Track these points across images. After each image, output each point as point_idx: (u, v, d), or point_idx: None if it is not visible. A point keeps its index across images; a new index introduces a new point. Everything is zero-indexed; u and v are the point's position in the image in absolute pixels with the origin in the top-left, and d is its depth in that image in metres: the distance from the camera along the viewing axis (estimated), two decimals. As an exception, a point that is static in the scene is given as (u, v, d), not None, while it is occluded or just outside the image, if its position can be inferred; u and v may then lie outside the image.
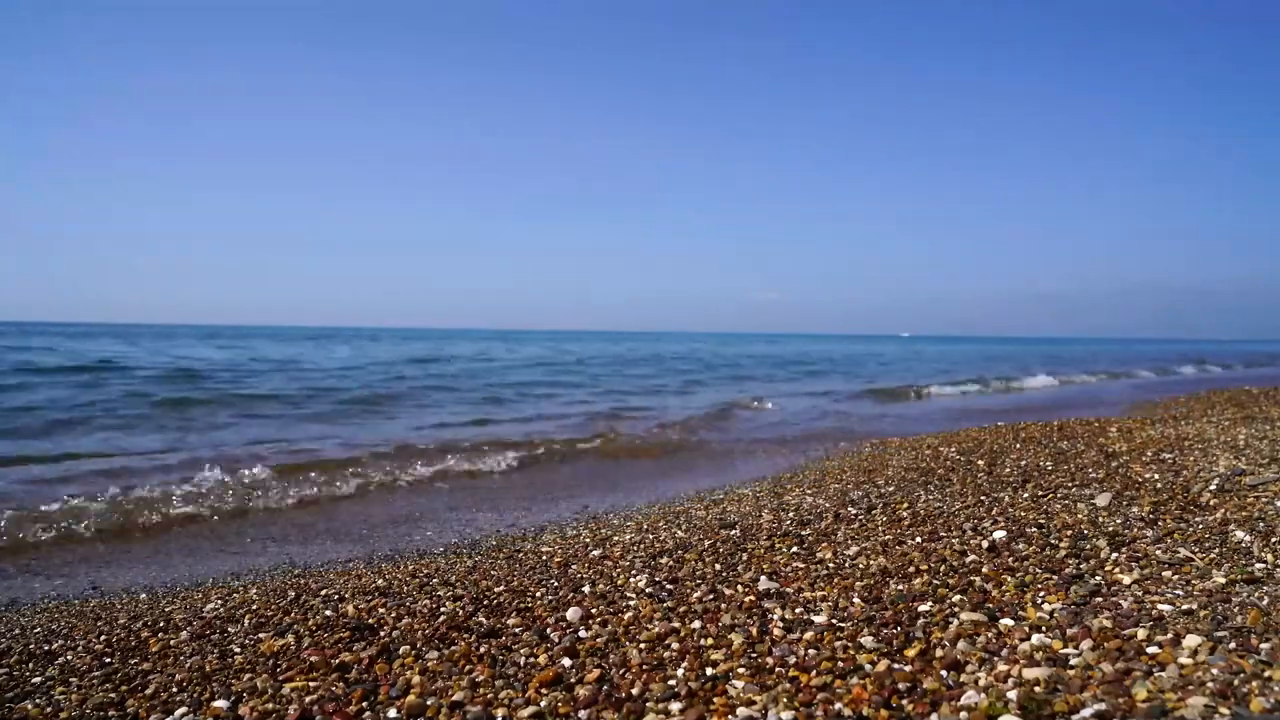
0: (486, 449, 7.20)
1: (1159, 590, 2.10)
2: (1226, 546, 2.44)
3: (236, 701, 1.91)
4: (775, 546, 3.04)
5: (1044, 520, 3.02)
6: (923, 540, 2.91)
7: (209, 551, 4.16)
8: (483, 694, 1.83)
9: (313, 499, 5.39)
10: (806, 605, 2.26)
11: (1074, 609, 2.01)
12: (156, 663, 2.25)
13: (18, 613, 3.11)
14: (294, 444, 7.89)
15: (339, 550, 4.08)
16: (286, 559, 3.96)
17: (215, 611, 2.73)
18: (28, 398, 11.30)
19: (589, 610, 2.38)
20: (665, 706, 1.69)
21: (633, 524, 3.93)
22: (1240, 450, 4.12)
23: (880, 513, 3.52)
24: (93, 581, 3.64)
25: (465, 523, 4.70)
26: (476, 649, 2.13)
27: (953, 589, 2.28)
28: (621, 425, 9.47)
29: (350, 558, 3.86)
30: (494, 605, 2.53)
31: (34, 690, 2.11)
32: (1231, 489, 3.20)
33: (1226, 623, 1.80)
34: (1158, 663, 1.63)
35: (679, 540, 3.32)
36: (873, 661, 1.81)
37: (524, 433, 8.72)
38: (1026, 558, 2.54)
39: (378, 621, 2.43)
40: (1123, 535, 2.70)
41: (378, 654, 2.14)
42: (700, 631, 2.11)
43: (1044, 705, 1.49)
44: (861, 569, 2.60)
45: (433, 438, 8.26)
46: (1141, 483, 3.59)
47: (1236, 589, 2.03)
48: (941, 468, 4.70)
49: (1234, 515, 2.79)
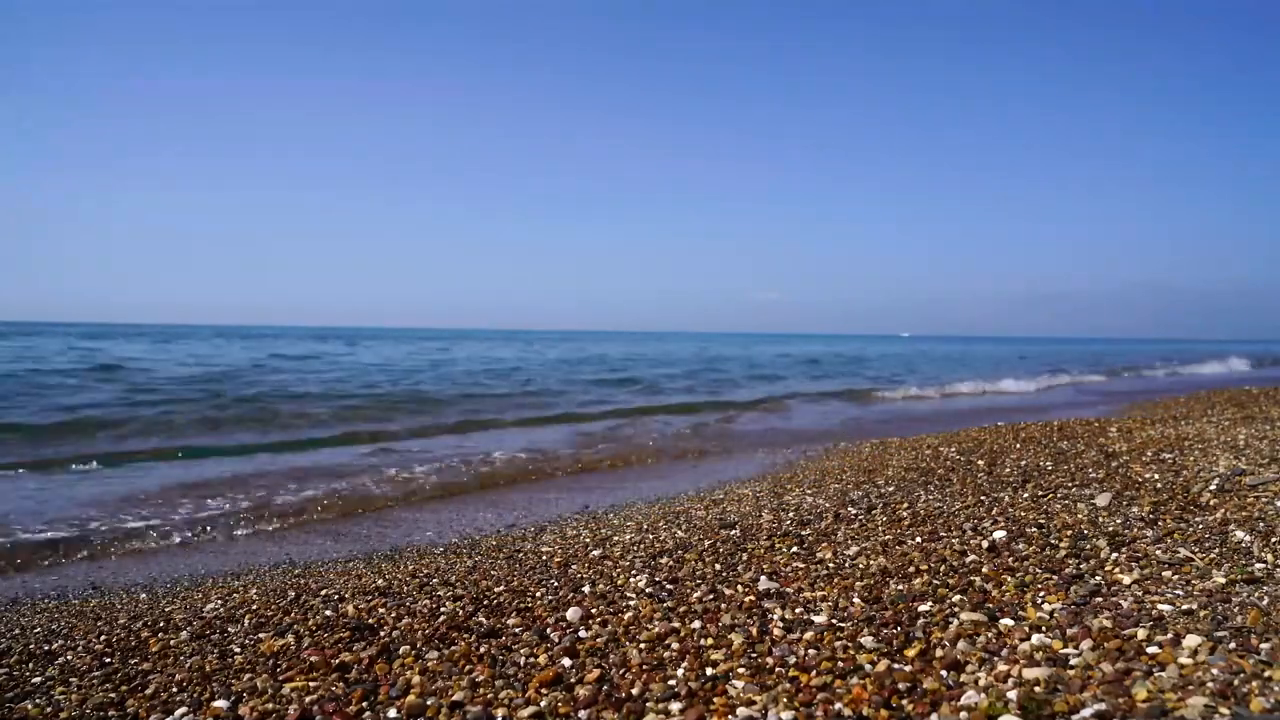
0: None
1: (1159, 590, 2.10)
2: (1226, 546, 2.44)
3: (236, 701, 1.91)
4: (775, 546, 3.04)
5: (1044, 520, 3.02)
6: (923, 540, 2.91)
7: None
8: (483, 694, 1.83)
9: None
10: (806, 605, 2.26)
11: (1074, 609, 2.01)
12: (156, 663, 2.25)
13: (18, 613, 3.11)
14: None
15: (338, 549, 4.08)
16: (286, 558, 3.96)
17: (215, 611, 2.74)
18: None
19: (589, 610, 2.38)
20: (665, 706, 1.69)
21: (633, 524, 3.93)
22: (1240, 450, 4.11)
23: (880, 513, 3.52)
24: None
25: (467, 522, 4.70)
26: (476, 649, 2.13)
27: (953, 589, 2.28)
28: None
29: (350, 556, 3.86)
30: (494, 605, 2.53)
31: (34, 690, 2.11)
32: (1231, 489, 3.20)
33: (1226, 623, 1.80)
34: (1158, 663, 1.63)
35: (679, 540, 3.32)
36: (873, 661, 1.81)
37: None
38: (1026, 558, 2.54)
39: (378, 621, 2.44)
40: (1123, 535, 2.70)
41: (378, 654, 2.14)
42: (700, 631, 2.11)
43: (1044, 705, 1.49)
44: (861, 569, 2.60)
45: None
46: (1141, 483, 3.59)
47: (1236, 589, 2.03)
48: (941, 468, 4.70)
49: (1234, 515, 2.79)
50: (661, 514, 4.18)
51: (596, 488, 5.86)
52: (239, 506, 5.22)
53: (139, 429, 9.13)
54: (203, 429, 9.37)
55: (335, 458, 7.35)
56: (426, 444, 8.31)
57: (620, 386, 16.55)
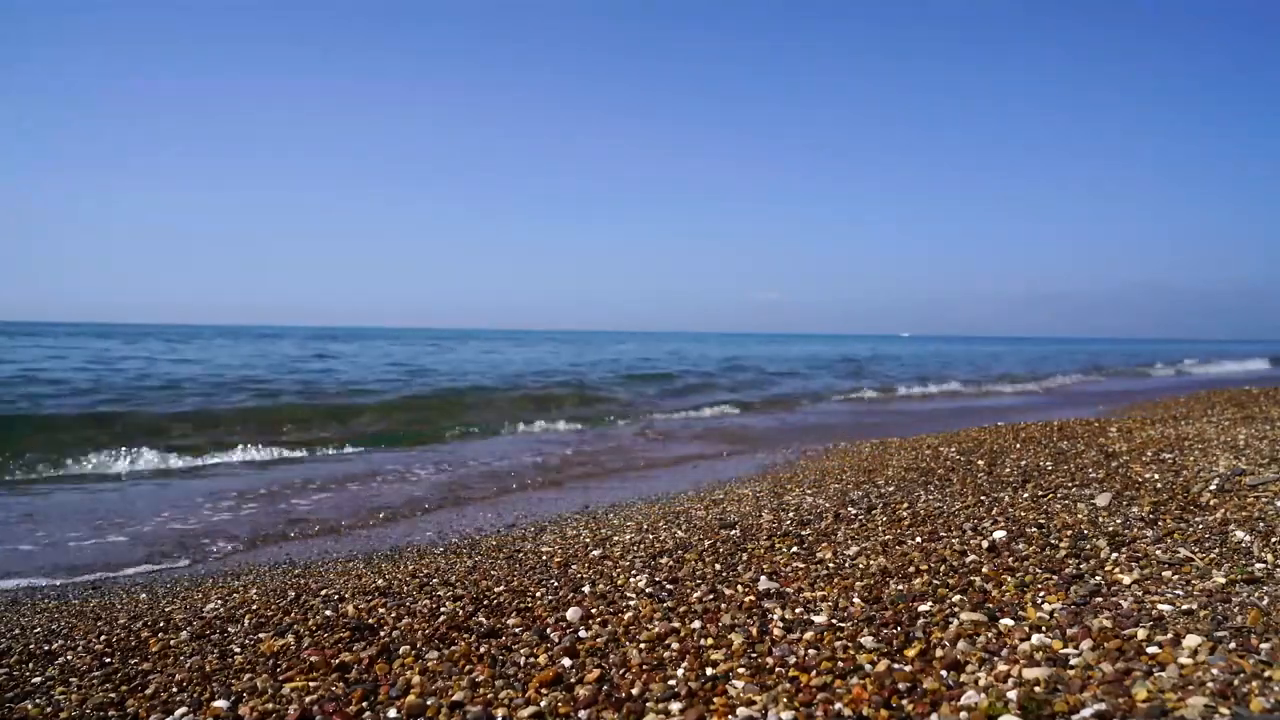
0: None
1: (1159, 590, 2.10)
2: (1226, 546, 2.44)
3: (236, 701, 1.91)
4: (775, 546, 3.04)
5: (1044, 520, 3.02)
6: (923, 540, 2.91)
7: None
8: (483, 694, 1.83)
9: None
10: (806, 605, 2.26)
11: (1074, 609, 2.01)
12: (156, 663, 2.25)
13: (18, 613, 3.11)
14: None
15: (339, 549, 4.08)
16: (286, 558, 3.96)
17: (215, 611, 2.73)
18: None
19: (589, 610, 2.38)
20: (665, 706, 1.69)
21: (633, 524, 3.93)
22: (1240, 450, 4.11)
23: (880, 513, 3.52)
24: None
25: (467, 521, 4.70)
26: (476, 649, 2.13)
27: (953, 589, 2.28)
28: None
29: (350, 556, 3.86)
30: (494, 605, 2.53)
31: (34, 690, 2.11)
32: (1231, 489, 3.20)
33: (1226, 623, 1.80)
34: (1158, 663, 1.63)
35: (679, 540, 3.32)
36: (873, 661, 1.81)
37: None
38: (1026, 558, 2.54)
39: (378, 621, 2.44)
40: (1123, 535, 2.70)
41: (378, 654, 2.14)
42: (700, 631, 2.11)
43: (1044, 705, 1.49)
44: (861, 569, 2.60)
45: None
46: (1141, 483, 3.59)
47: (1236, 589, 2.03)
48: (941, 468, 4.70)
49: (1234, 515, 2.79)
50: (661, 514, 4.18)
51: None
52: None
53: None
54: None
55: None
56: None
57: (701, 391, 16.49)
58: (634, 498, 5.15)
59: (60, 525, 4.89)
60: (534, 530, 4.21)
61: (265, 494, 5.84)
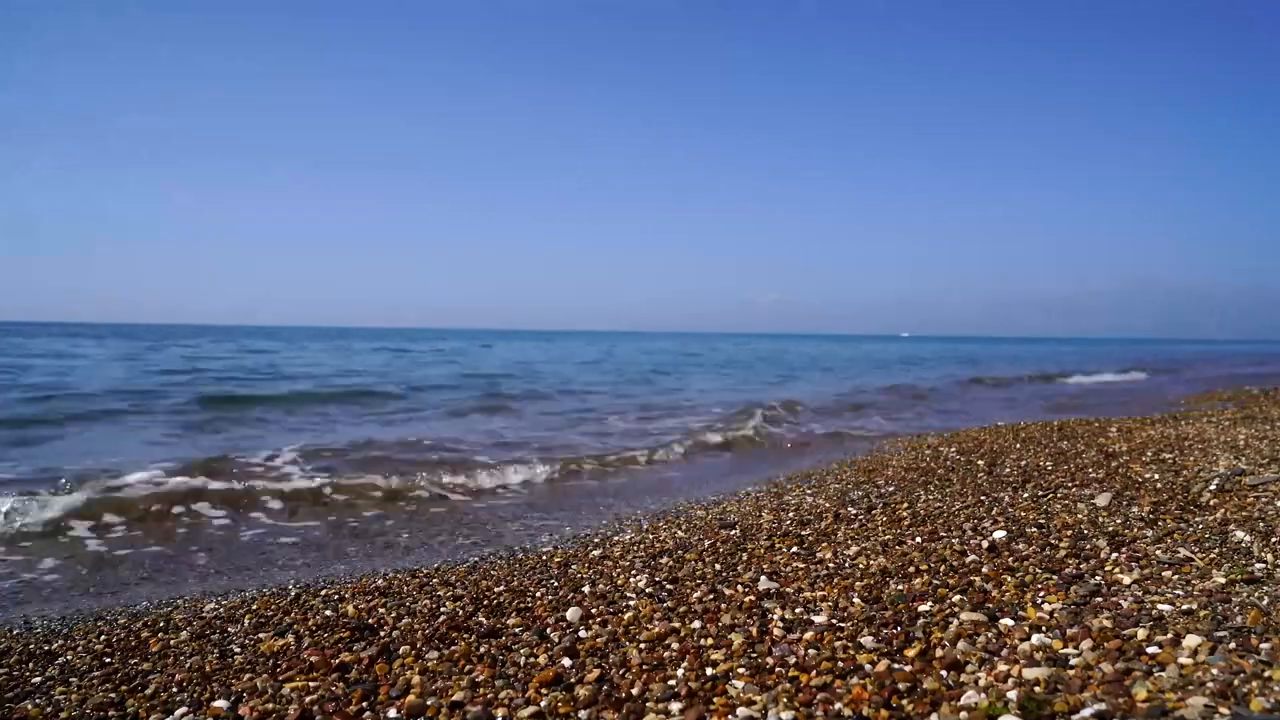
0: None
1: (1159, 590, 2.10)
2: (1226, 546, 2.44)
3: (236, 701, 1.91)
4: (775, 546, 3.04)
5: (1044, 520, 3.02)
6: (923, 540, 2.91)
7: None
8: (483, 694, 1.83)
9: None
10: (806, 605, 2.26)
11: (1074, 609, 2.01)
12: (156, 663, 2.25)
13: (18, 613, 3.11)
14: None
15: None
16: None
17: (215, 611, 2.73)
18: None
19: (589, 610, 2.38)
20: (665, 706, 1.69)
21: (632, 524, 3.92)
22: (1240, 450, 4.11)
23: (880, 513, 3.52)
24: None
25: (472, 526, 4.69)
26: (476, 649, 2.13)
27: (953, 589, 2.28)
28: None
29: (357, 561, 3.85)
30: (494, 605, 2.53)
31: (34, 690, 2.11)
32: (1231, 489, 3.20)
33: (1226, 623, 1.80)
34: (1158, 663, 1.63)
35: (679, 540, 3.32)
36: (873, 661, 1.81)
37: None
38: (1026, 558, 2.54)
39: (378, 621, 2.43)
40: (1123, 535, 2.70)
41: (378, 654, 2.14)
42: (700, 631, 2.11)
43: (1044, 705, 1.49)
44: (861, 569, 2.60)
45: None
46: (1141, 483, 3.59)
47: (1236, 589, 2.03)
48: (941, 468, 4.70)
49: (1234, 515, 2.79)
50: (661, 514, 4.18)
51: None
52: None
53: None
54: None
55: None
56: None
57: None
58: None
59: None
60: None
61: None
